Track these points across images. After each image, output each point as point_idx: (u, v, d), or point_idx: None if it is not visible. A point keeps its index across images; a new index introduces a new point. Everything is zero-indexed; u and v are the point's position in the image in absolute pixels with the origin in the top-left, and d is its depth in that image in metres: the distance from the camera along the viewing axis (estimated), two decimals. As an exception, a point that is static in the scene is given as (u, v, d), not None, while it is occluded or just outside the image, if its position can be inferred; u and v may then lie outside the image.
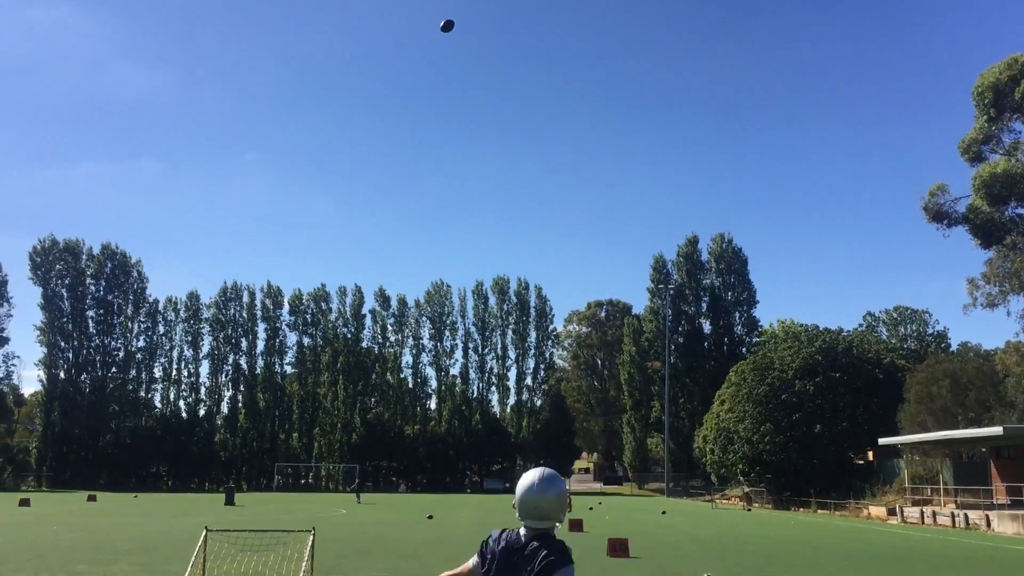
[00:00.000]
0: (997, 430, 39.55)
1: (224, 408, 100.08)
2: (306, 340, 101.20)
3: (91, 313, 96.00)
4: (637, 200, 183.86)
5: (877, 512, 50.62)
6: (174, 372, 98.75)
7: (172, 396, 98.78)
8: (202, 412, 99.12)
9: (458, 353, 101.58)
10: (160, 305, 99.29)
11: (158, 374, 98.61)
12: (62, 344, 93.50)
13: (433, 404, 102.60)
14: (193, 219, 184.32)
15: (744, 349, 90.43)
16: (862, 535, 34.43)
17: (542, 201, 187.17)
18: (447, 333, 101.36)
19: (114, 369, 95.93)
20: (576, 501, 63.71)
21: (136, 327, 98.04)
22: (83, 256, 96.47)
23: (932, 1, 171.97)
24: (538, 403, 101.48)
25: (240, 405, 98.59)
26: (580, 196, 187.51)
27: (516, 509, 3.45)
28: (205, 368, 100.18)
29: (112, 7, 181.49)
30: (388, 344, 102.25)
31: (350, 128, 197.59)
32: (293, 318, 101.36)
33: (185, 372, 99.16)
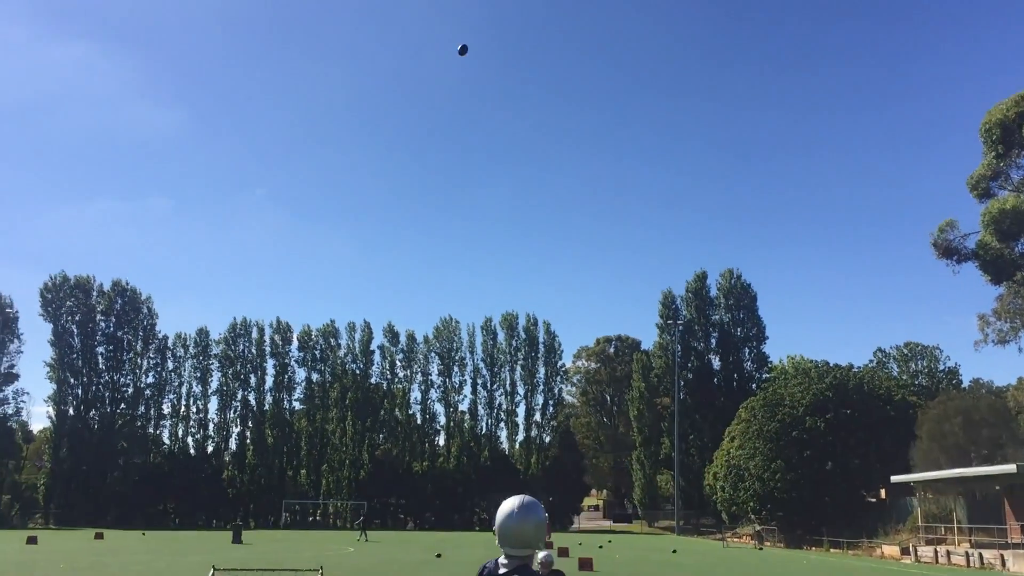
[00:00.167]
0: (1011, 468, 39.17)
1: (232, 444, 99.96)
2: (315, 376, 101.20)
3: (101, 349, 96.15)
4: (645, 236, 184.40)
5: (890, 551, 50.05)
6: (183, 408, 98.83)
7: (180, 432, 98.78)
8: (210, 448, 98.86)
9: (467, 389, 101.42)
10: (169, 341, 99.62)
11: (167, 410, 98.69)
12: (71, 380, 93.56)
13: (442, 440, 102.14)
14: (203, 255, 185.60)
15: (754, 385, 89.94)
16: (876, 575, 34.01)
17: (551, 237, 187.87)
18: (456, 369, 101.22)
19: (123, 405, 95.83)
20: (585, 539, 63.24)
21: (145, 363, 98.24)
22: (94, 293, 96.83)
23: (940, 38, 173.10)
24: (547, 439, 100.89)
25: (248, 441, 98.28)
26: (588, 232, 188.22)
27: (496, 536, 3.53)
28: (214, 404, 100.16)
29: (126, 48, 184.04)
30: (397, 380, 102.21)
31: (359, 165, 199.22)
32: (302, 354, 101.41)
33: (194, 408, 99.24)
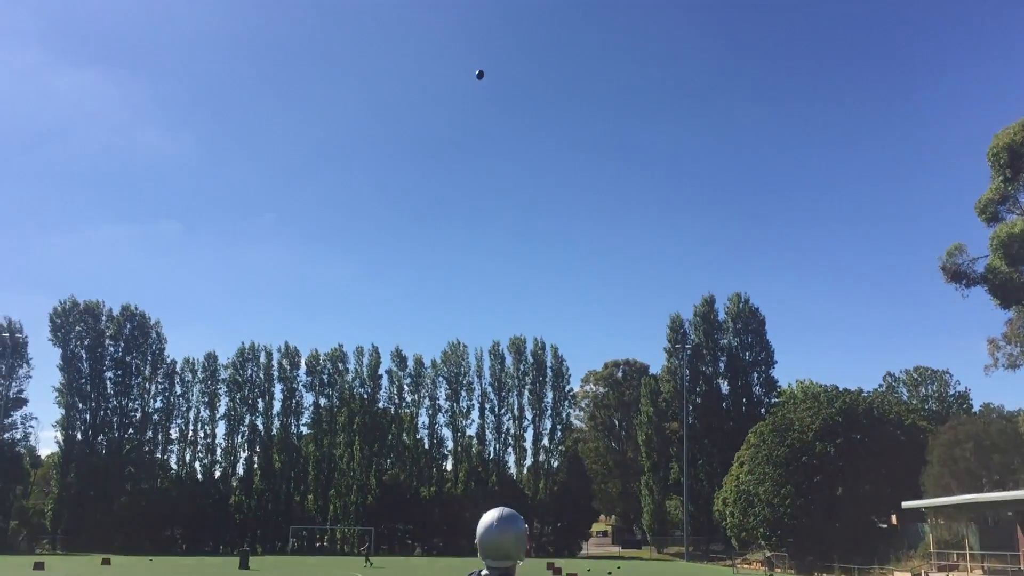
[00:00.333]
0: (1023, 494, 38.88)
1: (240, 469, 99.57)
2: (323, 401, 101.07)
3: (109, 374, 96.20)
4: (653, 260, 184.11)
5: (902, 578, 49.62)
6: (190, 433, 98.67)
7: (188, 457, 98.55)
8: (218, 474, 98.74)
9: (474, 413, 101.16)
10: (178, 366, 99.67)
11: (174, 435, 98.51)
12: (80, 405, 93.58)
13: (449, 465, 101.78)
14: (211, 280, 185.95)
15: (763, 410, 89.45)
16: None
17: (558, 261, 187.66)
18: (463, 393, 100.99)
19: (131, 430, 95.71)
20: (594, 565, 62.89)
21: (153, 388, 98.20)
22: (103, 317, 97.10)
23: (947, 65, 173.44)
24: (555, 464, 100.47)
25: (256, 466, 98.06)
26: (596, 255, 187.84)
27: (478, 549, 3.56)
28: (221, 429, 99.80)
29: (135, 73, 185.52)
30: (404, 404, 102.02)
31: (367, 189, 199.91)
32: (310, 378, 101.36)
33: (201, 433, 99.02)
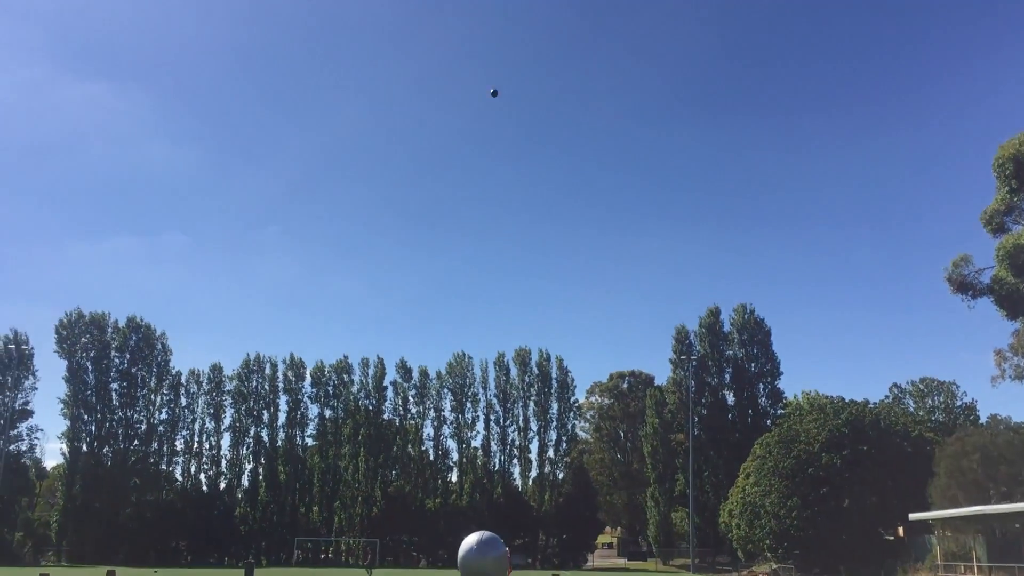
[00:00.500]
0: (1031, 506, 38.71)
1: (245, 481, 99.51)
2: (327, 412, 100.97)
3: (115, 386, 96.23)
4: (658, 270, 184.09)
5: (910, 590, 49.34)
6: (195, 445, 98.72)
7: (193, 469, 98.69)
8: (222, 485, 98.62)
9: (479, 425, 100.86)
10: (183, 378, 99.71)
11: (179, 447, 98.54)
12: (85, 417, 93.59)
13: (454, 477, 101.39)
14: (217, 292, 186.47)
15: (769, 421, 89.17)
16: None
17: (563, 272, 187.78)
18: (468, 405, 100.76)
19: (136, 442, 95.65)
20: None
21: (159, 399, 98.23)
22: (108, 329, 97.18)
23: (953, 75, 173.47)
24: (560, 476, 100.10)
25: (261, 478, 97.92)
26: (601, 266, 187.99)
27: (459, 571, 3.63)
28: (226, 441, 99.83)
29: (142, 87, 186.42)
30: (409, 416, 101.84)
31: (372, 200, 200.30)
32: (315, 390, 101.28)
33: (206, 445, 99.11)
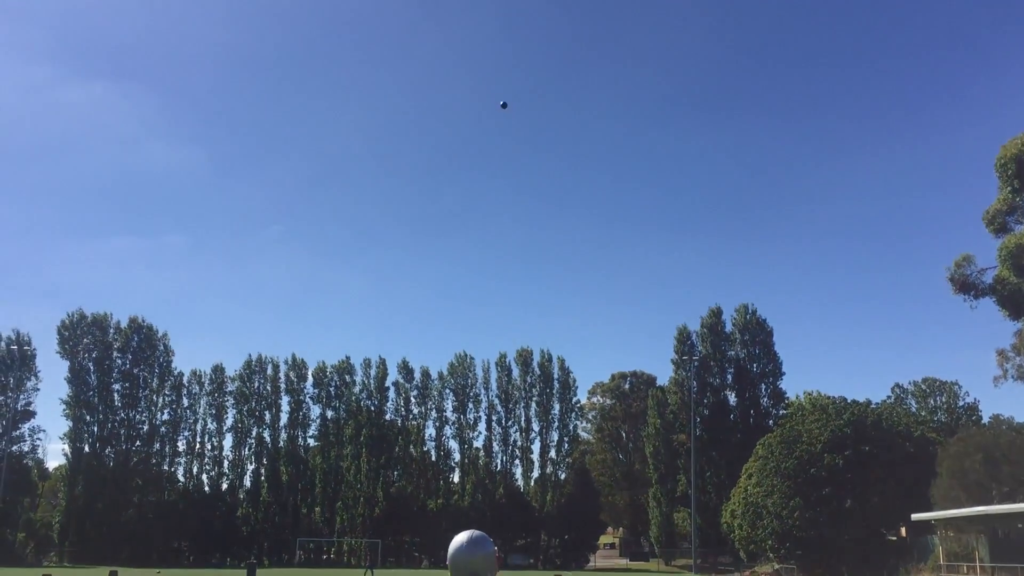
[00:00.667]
0: (1033, 506, 38.65)
1: (247, 482, 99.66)
2: (329, 413, 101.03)
3: (117, 386, 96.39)
4: (660, 271, 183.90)
5: (912, 591, 49.27)
6: (197, 446, 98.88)
7: (195, 470, 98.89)
8: (224, 486, 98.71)
9: (481, 425, 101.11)
10: (185, 378, 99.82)
11: (181, 447, 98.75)
12: (87, 418, 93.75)
13: (456, 477, 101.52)
14: (219, 292, 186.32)
15: (771, 422, 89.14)
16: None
17: (566, 272, 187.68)
18: (470, 405, 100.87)
19: (138, 443, 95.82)
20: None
21: (161, 400, 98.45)
22: (110, 330, 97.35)
23: (955, 74, 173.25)
24: (562, 476, 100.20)
25: (263, 479, 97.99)
26: (603, 267, 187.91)
27: (449, 570, 3.73)
28: (228, 441, 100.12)
29: (143, 88, 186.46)
30: (411, 417, 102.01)
31: (374, 201, 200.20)
32: (317, 391, 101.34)
33: (208, 445, 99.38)
